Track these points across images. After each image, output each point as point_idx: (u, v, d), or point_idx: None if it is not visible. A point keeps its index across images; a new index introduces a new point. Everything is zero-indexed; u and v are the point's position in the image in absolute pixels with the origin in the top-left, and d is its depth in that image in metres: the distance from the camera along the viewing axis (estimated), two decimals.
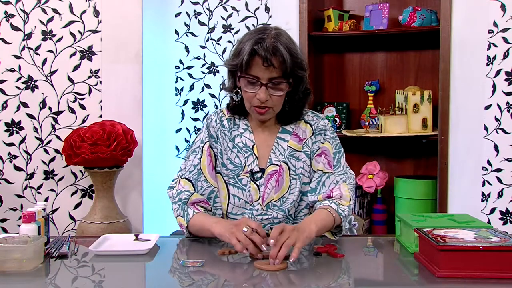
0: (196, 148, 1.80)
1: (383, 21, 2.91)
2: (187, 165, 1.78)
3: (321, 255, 1.46)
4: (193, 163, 1.77)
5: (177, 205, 1.72)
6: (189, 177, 1.76)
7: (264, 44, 1.61)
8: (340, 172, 1.75)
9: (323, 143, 1.78)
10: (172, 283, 1.34)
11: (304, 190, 1.75)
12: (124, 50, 2.76)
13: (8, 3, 2.72)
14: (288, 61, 1.62)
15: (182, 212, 1.69)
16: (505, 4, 2.64)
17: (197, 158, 1.77)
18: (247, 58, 1.62)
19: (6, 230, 2.73)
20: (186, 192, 1.73)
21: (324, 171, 1.74)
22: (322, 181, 1.73)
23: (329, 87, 3.22)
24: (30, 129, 2.75)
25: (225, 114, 1.84)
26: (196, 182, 1.75)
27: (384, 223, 3.05)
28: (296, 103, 1.77)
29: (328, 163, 1.75)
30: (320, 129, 1.79)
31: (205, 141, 1.79)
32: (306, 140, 1.78)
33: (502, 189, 2.68)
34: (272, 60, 1.61)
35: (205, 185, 1.75)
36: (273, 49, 1.61)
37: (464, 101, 2.70)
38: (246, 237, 1.42)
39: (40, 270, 1.38)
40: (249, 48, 1.62)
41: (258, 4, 3.05)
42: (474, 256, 1.25)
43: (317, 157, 1.77)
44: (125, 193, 2.80)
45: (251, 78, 1.66)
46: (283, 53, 1.61)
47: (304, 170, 1.76)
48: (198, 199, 1.72)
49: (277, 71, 1.64)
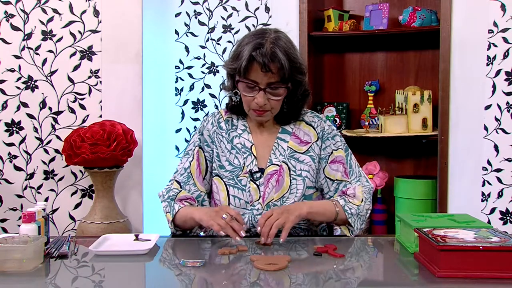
0: (189, 150, 1.83)
1: (383, 21, 2.91)
2: (179, 168, 1.82)
3: (321, 255, 1.46)
4: (184, 166, 1.81)
5: (166, 202, 1.75)
6: (179, 179, 1.80)
7: (262, 50, 1.61)
8: (355, 180, 1.80)
9: (336, 150, 1.79)
10: (172, 283, 1.34)
11: (307, 194, 1.76)
12: (124, 50, 2.76)
13: (8, 3, 2.72)
14: (286, 67, 1.62)
15: (170, 208, 1.72)
16: (505, 4, 2.64)
17: (188, 161, 1.81)
18: (246, 64, 1.62)
19: (6, 230, 2.73)
20: (174, 189, 1.77)
21: (342, 180, 1.78)
22: (340, 189, 1.78)
23: (329, 87, 3.22)
24: (30, 129, 2.75)
25: (223, 115, 1.84)
26: (185, 185, 1.78)
27: (384, 223, 3.05)
28: (295, 104, 1.78)
29: (345, 172, 1.79)
30: (327, 133, 1.81)
31: (197, 144, 1.82)
32: (311, 145, 1.79)
33: (502, 189, 2.68)
34: (270, 66, 1.62)
35: (193, 188, 1.78)
36: (272, 55, 1.61)
37: (464, 101, 2.70)
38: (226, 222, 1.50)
39: (40, 270, 1.37)
40: (247, 54, 1.62)
41: (258, 4, 3.05)
42: (474, 256, 1.25)
43: (332, 164, 1.79)
44: (125, 193, 2.80)
45: (249, 83, 1.66)
46: (281, 59, 1.61)
47: (309, 173, 1.76)
48: (185, 196, 1.75)
49: (275, 77, 1.64)
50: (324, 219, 1.70)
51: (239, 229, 1.49)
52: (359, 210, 1.71)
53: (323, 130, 1.81)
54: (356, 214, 1.70)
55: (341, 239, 1.67)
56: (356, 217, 1.70)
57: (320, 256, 1.46)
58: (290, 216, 1.56)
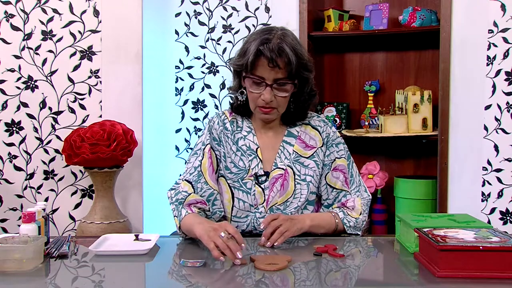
0: (197, 150, 1.79)
1: (383, 21, 2.91)
2: (188, 167, 1.78)
3: (321, 255, 1.46)
4: (194, 165, 1.76)
5: (174, 205, 1.72)
6: (189, 178, 1.75)
7: (269, 45, 1.61)
8: (355, 190, 1.80)
9: (339, 159, 1.79)
10: (172, 283, 1.34)
11: (310, 199, 1.76)
12: (124, 50, 2.76)
13: (8, 3, 2.72)
14: (293, 62, 1.62)
15: (177, 212, 1.70)
16: (505, 4, 2.64)
17: (198, 160, 1.77)
18: (253, 58, 1.62)
19: (6, 230, 2.73)
20: (183, 192, 1.72)
21: (342, 189, 1.78)
22: (339, 199, 1.79)
23: (329, 87, 3.22)
24: (30, 129, 2.75)
25: (227, 116, 1.83)
26: (196, 184, 1.74)
27: (384, 223, 3.05)
28: (302, 104, 1.77)
29: (345, 181, 1.79)
30: (332, 140, 1.81)
31: (207, 143, 1.78)
32: (316, 150, 1.78)
33: (502, 189, 2.68)
34: (277, 61, 1.61)
35: (205, 187, 1.73)
36: (279, 50, 1.61)
37: (464, 101, 2.70)
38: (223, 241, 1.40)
39: (40, 270, 1.38)
40: (254, 49, 1.62)
41: (258, 4, 3.05)
42: (474, 256, 1.25)
43: (334, 172, 1.79)
44: (125, 193, 2.80)
45: (256, 78, 1.66)
46: (288, 54, 1.61)
47: (313, 179, 1.76)
48: (195, 200, 1.71)
49: (282, 72, 1.64)
50: (323, 231, 1.71)
51: (236, 249, 1.39)
52: (357, 222, 1.74)
53: (328, 136, 1.80)
54: (354, 226, 1.74)
55: (341, 239, 1.67)
56: (353, 229, 1.74)
57: (320, 256, 1.46)
58: (293, 227, 1.57)
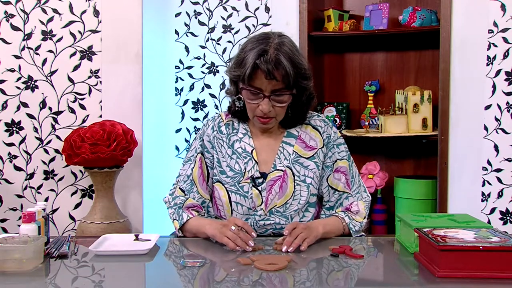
0: (191, 156, 1.82)
1: (383, 21, 2.91)
2: (182, 174, 1.81)
3: (338, 256, 1.46)
4: (187, 173, 1.80)
5: (173, 209, 1.76)
6: (183, 187, 1.79)
7: (266, 57, 1.59)
8: (356, 191, 1.80)
9: (340, 160, 1.79)
10: (172, 283, 1.34)
11: (311, 201, 1.76)
12: (124, 50, 2.76)
13: (8, 3, 2.72)
14: (291, 74, 1.61)
15: (177, 216, 1.73)
16: (505, 4, 2.63)
17: (190, 168, 1.80)
18: (250, 71, 1.61)
19: (6, 230, 2.73)
20: (180, 197, 1.77)
21: (344, 191, 1.78)
22: (341, 201, 1.79)
23: (329, 87, 3.22)
24: (30, 129, 2.75)
25: (223, 119, 1.83)
26: (189, 193, 1.78)
27: (384, 223, 3.05)
28: (299, 108, 1.77)
29: (347, 183, 1.79)
30: (333, 140, 1.80)
31: (198, 151, 1.80)
32: (317, 151, 1.77)
33: (502, 189, 2.68)
34: (274, 74, 1.60)
35: (197, 196, 1.78)
36: (276, 62, 1.59)
37: (464, 101, 2.70)
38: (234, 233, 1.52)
39: (40, 270, 1.38)
40: (251, 62, 1.60)
41: (258, 4, 3.05)
42: (474, 256, 1.25)
43: (335, 173, 1.78)
44: (125, 193, 2.80)
45: (253, 90, 1.65)
46: (286, 66, 1.60)
47: (313, 180, 1.75)
48: (192, 204, 1.76)
49: (280, 84, 1.63)
50: (331, 236, 1.71)
51: (247, 239, 1.51)
52: (361, 226, 1.76)
53: (329, 136, 1.80)
54: (359, 230, 1.75)
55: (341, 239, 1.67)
56: (358, 233, 1.75)
57: (337, 257, 1.45)
58: (311, 234, 1.57)
